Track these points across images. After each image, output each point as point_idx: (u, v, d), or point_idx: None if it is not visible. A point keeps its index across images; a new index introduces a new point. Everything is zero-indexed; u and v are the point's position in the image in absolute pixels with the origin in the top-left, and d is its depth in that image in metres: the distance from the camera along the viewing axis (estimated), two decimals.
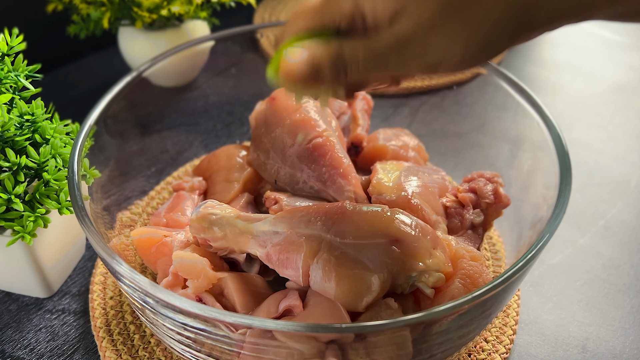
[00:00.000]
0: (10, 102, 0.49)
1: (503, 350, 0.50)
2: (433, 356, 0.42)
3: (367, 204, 0.46)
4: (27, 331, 0.52)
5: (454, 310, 0.36)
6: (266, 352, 0.38)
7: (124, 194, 0.60)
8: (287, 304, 0.43)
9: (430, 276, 0.43)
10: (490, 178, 0.53)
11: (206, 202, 0.47)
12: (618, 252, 0.60)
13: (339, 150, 0.53)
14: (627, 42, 0.98)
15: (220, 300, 0.45)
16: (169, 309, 0.38)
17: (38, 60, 0.54)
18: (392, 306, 0.42)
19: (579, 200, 0.66)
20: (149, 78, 0.61)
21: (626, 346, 0.51)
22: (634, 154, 0.73)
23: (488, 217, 0.52)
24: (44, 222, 0.47)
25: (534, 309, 0.54)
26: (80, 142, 0.48)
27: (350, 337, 0.38)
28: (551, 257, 0.59)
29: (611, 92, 0.85)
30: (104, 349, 0.49)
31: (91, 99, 0.56)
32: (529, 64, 0.92)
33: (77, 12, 0.75)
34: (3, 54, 0.49)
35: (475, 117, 0.69)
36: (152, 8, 0.70)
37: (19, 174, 0.46)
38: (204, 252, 0.47)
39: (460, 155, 0.68)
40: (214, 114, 0.75)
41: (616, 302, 0.55)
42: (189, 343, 0.41)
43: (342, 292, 0.41)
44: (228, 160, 0.59)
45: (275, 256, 0.44)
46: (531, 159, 0.55)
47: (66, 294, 0.55)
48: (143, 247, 0.50)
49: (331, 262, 0.41)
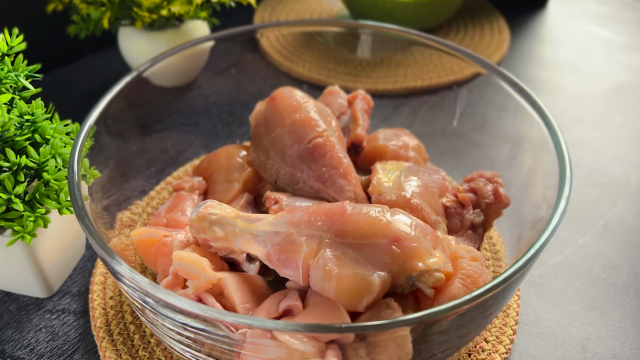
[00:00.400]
0: (10, 102, 0.49)
1: (503, 350, 0.50)
2: (433, 356, 0.42)
3: (367, 204, 0.46)
4: (27, 331, 0.52)
5: (454, 310, 0.36)
6: (266, 352, 0.38)
7: (124, 194, 0.60)
8: (287, 304, 0.43)
9: (430, 276, 0.43)
10: (490, 178, 0.53)
11: (206, 202, 0.47)
12: (618, 252, 0.60)
13: (339, 150, 0.53)
14: (627, 42, 0.98)
15: (220, 300, 0.45)
16: (169, 309, 0.38)
17: (38, 60, 0.54)
18: (392, 306, 0.42)
19: (579, 200, 0.66)
20: (149, 78, 0.61)
21: (626, 346, 0.51)
22: (634, 154, 0.73)
23: (488, 217, 0.52)
24: (44, 222, 0.47)
25: (534, 309, 0.54)
26: (80, 142, 0.48)
27: (351, 337, 0.38)
28: (551, 257, 0.59)
29: (611, 92, 0.85)
30: (104, 349, 0.49)
31: (91, 99, 0.56)
32: (529, 64, 0.92)
33: (77, 12, 0.75)
34: (3, 54, 0.49)
35: (475, 117, 0.69)
36: (152, 8, 0.70)
37: (19, 174, 0.46)
38: (204, 252, 0.47)
39: (460, 155, 0.68)
40: (214, 114, 0.75)
41: (616, 302, 0.55)
42: (189, 343, 0.41)
43: (342, 292, 0.41)
44: (228, 160, 0.59)
45: (275, 256, 0.44)
46: (531, 159, 0.55)
47: (66, 294, 0.55)
48: (143, 247, 0.50)
49: (331, 262, 0.41)
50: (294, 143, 0.54)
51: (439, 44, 0.63)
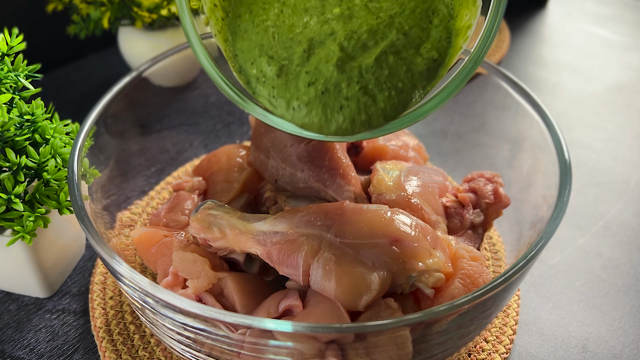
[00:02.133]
0: (10, 102, 0.49)
1: (503, 350, 0.50)
2: (433, 356, 0.42)
3: (367, 204, 0.46)
4: (27, 331, 0.52)
5: (454, 310, 0.36)
6: (266, 352, 0.38)
7: (124, 194, 0.60)
8: (287, 304, 0.43)
9: (430, 276, 0.43)
10: (490, 178, 0.53)
11: (206, 202, 0.47)
12: (618, 252, 0.60)
13: (338, 150, 0.53)
14: (627, 42, 0.98)
15: (220, 300, 0.45)
16: (169, 309, 0.38)
17: (38, 60, 0.54)
18: (392, 306, 0.42)
19: (579, 200, 0.66)
20: (149, 78, 0.61)
21: (626, 346, 0.51)
22: (634, 154, 0.73)
23: (488, 217, 0.52)
24: (44, 222, 0.47)
25: (534, 309, 0.54)
26: (80, 142, 0.48)
27: (350, 337, 0.38)
28: (551, 257, 0.59)
29: (611, 92, 0.85)
30: (104, 349, 0.49)
31: (91, 99, 0.56)
32: (529, 64, 0.92)
33: (77, 12, 0.75)
34: (3, 54, 0.49)
35: (475, 117, 0.69)
36: (152, 8, 0.70)
37: (19, 174, 0.46)
38: (204, 252, 0.46)
39: (460, 155, 0.68)
40: (214, 114, 0.75)
41: (616, 302, 0.55)
42: (189, 343, 0.41)
43: (342, 292, 0.41)
44: (228, 160, 0.59)
45: (276, 254, 0.44)
46: (531, 159, 0.55)
47: (66, 294, 0.55)
48: (143, 247, 0.50)
49: (331, 261, 0.41)
50: (294, 143, 0.54)
51: None
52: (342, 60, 0.40)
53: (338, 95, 0.40)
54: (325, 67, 0.40)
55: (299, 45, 0.41)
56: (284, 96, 0.41)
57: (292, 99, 0.41)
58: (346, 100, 0.40)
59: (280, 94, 0.42)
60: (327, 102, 0.40)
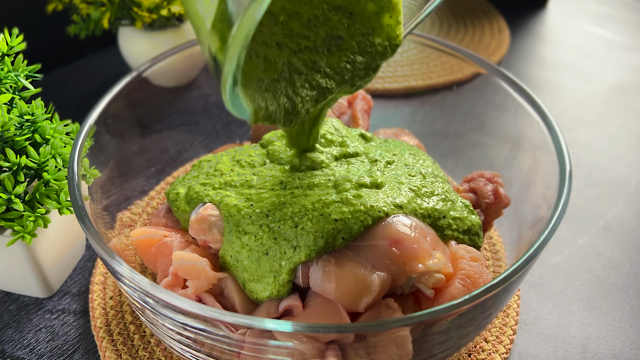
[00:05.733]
0: (10, 102, 0.49)
1: (503, 350, 0.50)
2: (433, 356, 0.42)
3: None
4: (27, 331, 0.52)
5: (454, 310, 0.36)
6: (266, 352, 0.38)
7: (124, 194, 0.60)
8: (287, 304, 0.42)
9: (430, 277, 0.43)
10: (490, 178, 0.53)
11: (206, 204, 0.47)
12: (618, 252, 0.60)
13: None
14: (627, 42, 0.98)
15: (220, 300, 0.45)
16: (169, 309, 0.38)
17: (38, 60, 0.54)
18: (392, 306, 0.42)
19: (579, 200, 0.66)
20: (149, 78, 0.61)
21: (626, 346, 0.51)
22: (634, 154, 0.73)
23: (488, 217, 0.52)
24: (44, 222, 0.47)
25: (534, 309, 0.54)
26: (80, 142, 0.48)
27: (350, 337, 0.38)
28: (551, 257, 0.59)
29: (611, 92, 0.85)
30: (104, 349, 0.49)
31: (91, 99, 0.56)
32: (529, 64, 0.92)
33: (77, 12, 0.75)
34: (3, 54, 0.49)
35: (475, 117, 0.69)
36: (152, 8, 0.70)
37: (19, 174, 0.46)
38: (203, 253, 0.46)
39: (460, 155, 0.68)
40: (214, 114, 0.75)
41: (616, 302, 0.55)
42: (189, 343, 0.41)
43: (342, 293, 0.41)
44: None
45: None
46: (531, 159, 0.55)
47: (66, 294, 0.55)
48: (143, 247, 0.50)
49: (331, 263, 0.41)
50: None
51: (439, 44, 0.63)
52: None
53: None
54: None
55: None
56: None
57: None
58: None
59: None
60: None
